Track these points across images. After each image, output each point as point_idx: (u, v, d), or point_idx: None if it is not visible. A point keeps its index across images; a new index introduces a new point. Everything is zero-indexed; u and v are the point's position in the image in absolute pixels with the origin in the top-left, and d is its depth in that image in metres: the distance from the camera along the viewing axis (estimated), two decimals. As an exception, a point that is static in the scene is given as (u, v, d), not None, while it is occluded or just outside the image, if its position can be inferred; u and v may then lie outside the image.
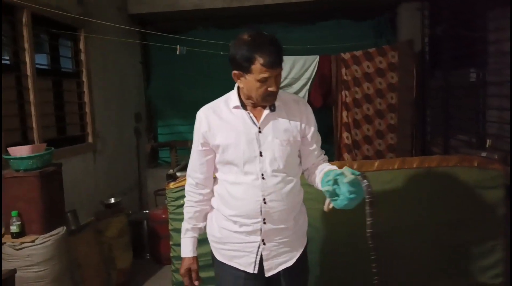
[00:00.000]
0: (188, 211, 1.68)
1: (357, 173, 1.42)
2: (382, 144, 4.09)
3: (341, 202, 1.41)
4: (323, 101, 3.96)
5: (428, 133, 4.45)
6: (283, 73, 3.91)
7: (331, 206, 1.49)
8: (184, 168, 2.79)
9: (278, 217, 1.56)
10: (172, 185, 2.51)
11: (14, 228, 2.20)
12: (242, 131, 1.56)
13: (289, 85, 3.91)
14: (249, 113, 1.58)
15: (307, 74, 3.88)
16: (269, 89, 1.49)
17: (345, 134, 3.99)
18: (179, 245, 2.53)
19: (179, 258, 2.54)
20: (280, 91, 1.59)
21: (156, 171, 4.75)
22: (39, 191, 2.26)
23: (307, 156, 1.68)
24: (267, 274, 1.60)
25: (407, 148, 4.08)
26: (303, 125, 1.62)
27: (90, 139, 3.55)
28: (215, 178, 1.68)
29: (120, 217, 3.33)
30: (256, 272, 1.58)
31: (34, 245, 2.19)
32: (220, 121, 1.59)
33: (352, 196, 1.38)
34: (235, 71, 1.51)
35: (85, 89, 3.50)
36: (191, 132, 5.88)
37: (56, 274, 2.29)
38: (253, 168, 1.54)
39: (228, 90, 1.73)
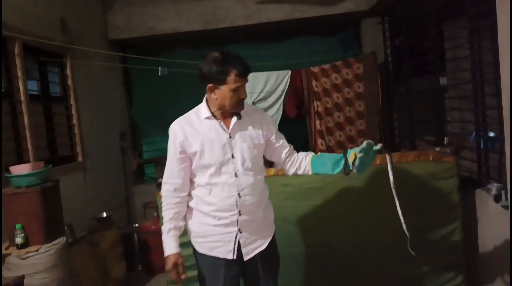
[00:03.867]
0: (168, 213, 1.84)
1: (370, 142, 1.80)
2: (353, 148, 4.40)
3: (364, 166, 1.82)
4: (297, 112, 4.26)
5: (396, 137, 4.81)
6: (258, 88, 4.27)
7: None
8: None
9: (250, 209, 1.81)
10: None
11: (19, 240, 2.39)
12: (215, 138, 1.79)
13: (265, 98, 4.21)
14: (220, 122, 1.82)
15: (280, 88, 4.18)
16: (241, 96, 1.77)
17: (319, 141, 4.29)
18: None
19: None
20: None
21: (142, 187, 4.95)
22: (40, 204, 2.46)
23: (278, 151, 1.95)
24: (245, 258, 1.84)
25: (376, 151, 4.40)
26: (264, 130, 1.89)
27: (79, 158, 3.75)
28: (191, 183, 1.87)
29: (112, 230, 3.52)
30: (235, 258, 1.82)
31: (38, 254, 2.38)
32: (194, 131, 1.81)
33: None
34: (210, 85, 1.75)
35: (73, 111, 3.72)
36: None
37: (59, 282, 2.48)
38: (227, 169, 1.79)
39: None
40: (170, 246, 1.83)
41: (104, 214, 3.70)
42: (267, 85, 4.16)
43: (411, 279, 2.79)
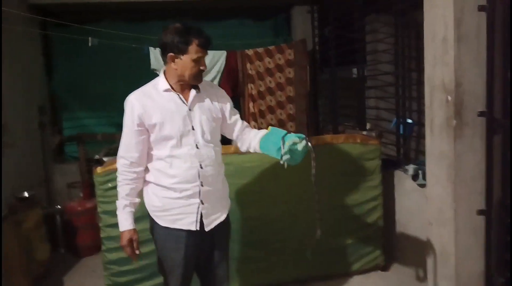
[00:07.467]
0: (124, 189, 1.84)
1: (302, 136, 1.79)
2: (283, 131, 4.60)
3: (294, 161, 1.81)
4: (232, 93, 4.32)
5: (320, 121, 5.12)
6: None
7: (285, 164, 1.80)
8: (109, 154, 2.90)
9: (211, 180, 1.87)
10: (100, 169, 2.64)
11: None
12: (175, 110, 1.81)
13: (200, 78, 4.19)
14: (178, 94, 1.84)
15: (216, 68, 4.19)
16: (201, 67, 1.79)
17: (252, 123, 4.40)
18: (109, 226, 2.71)
19: (109, 238, 2.72)
20: None
21: (63, 166, 4.65)
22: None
23: (232, 127, 2.02)
24: (207, 229, 1.89)
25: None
26: (220, 104, 1.95)
27: (-4, 133, 3.43)
28: (149, 156, 1.86)
29: (36, 210, 3.31)
30: (198, 229, 1.86)
31: (-39, 235, 2.18)
32: (154, 103, 1.80)
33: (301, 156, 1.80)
34: (171, 54, 1.76)
35: (-10, 81, 3.37)
36: (99, 125, 5.87)
37: (-17, 263, 2.30)
38: (188, 140, 1.82)
39: (135, 82, 1.96)
40: (125, 222, 1.84)
41: (26, 194, 3.45)
42: (203, 65, 4.15)
43: (337, 250, 3.06)
